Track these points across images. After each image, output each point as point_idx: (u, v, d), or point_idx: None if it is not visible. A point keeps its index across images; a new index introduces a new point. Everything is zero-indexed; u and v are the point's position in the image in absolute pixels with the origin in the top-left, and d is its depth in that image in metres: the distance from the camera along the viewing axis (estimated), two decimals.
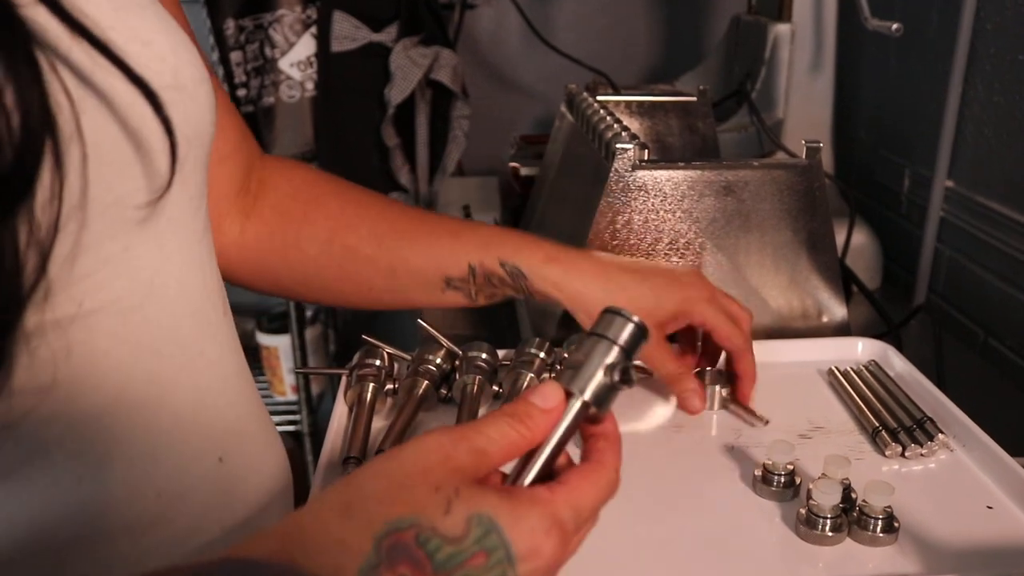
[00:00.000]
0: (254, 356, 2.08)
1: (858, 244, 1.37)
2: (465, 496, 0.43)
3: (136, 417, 0.53)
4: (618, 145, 0.95)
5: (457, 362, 0.88)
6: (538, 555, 0.44)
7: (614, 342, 0.52)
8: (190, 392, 0.57)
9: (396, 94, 1.76)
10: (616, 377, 0.52)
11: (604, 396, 0.52)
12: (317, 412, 2.04)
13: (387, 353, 0.89)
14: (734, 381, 0.87)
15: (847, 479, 0.73)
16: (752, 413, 0.85)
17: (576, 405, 0.51)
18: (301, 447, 2.02)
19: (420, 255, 0.80)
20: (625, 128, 0.99)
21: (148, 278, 0.52)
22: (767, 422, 0.81)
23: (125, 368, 0.51)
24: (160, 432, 0.54)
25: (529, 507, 0.45)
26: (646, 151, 0.95)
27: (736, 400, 0.87)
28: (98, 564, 0.51)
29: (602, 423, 0.53)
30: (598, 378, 0.52)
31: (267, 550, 0.39)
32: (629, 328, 0.53)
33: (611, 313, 0.54)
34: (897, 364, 0.96)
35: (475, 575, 0.42)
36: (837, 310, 1.04)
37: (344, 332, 2.17)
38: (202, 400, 0.58)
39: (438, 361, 0.87)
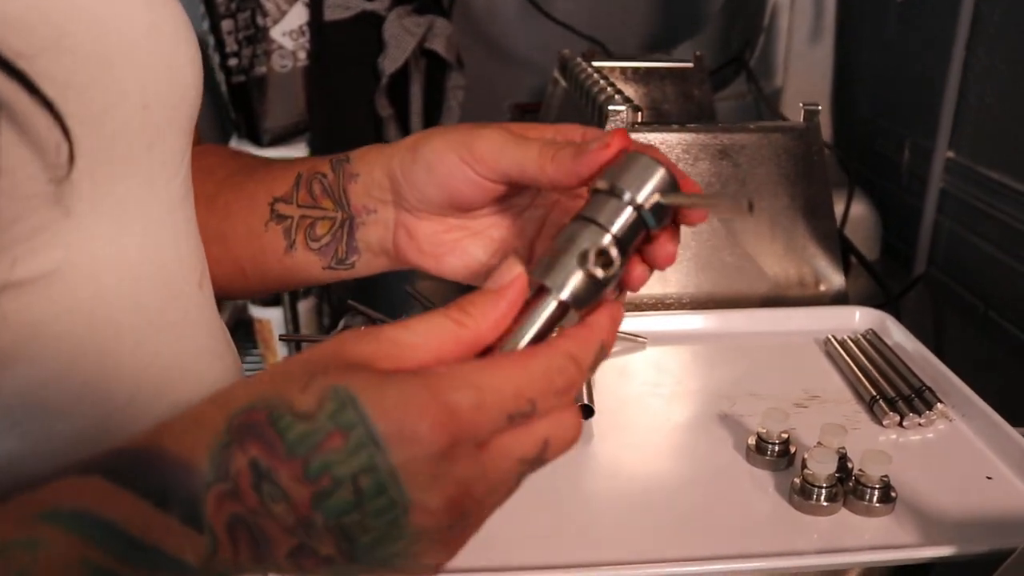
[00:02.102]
0: (247, 329, 2.06)
1: (856, 215, 1.35)
2: (332, 373, 0.37)
3: (85, 392, 0.49)
4: (610, 107, 0.92)
5: None
6: (413, 438, 0.35)
7: (623, 199, 0.43)
8: (149, 368, 0.53)
9: (390, 63, 1.73)
10: (601, 264, 0.42)
11: (585, 291, 0.42)
12: None
13: (373, 319, 0.87)
14: None
15: (843, 448, 0.71)
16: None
17: (549, 304, 0.41)
18: None
19: (257, 181, 0.68)
20: (619, 91, 0.97)
21: (102, 247, 0.49)
22: (750, 208, 0.43)
23: (75, 340, 0.48)
24: (113, 409, 0.50)
25: (403, 380, 0.37)
26: (639, 113, 0.93)
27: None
28: None
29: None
30: (575, 265, 0.42)
31: (145, 435, 0.39)
32: (653, 177, 0.43)
33: (631, 159, 0.44)
34: (895, 333, 0.94)
35: (336, 461, 0.35)
36: (835, 278, 1.02)
37: (338, 305, 2.15)
38: (163, 376, 0.54)
39: None
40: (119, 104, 0.47)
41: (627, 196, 0.43)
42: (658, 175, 0.43)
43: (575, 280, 0.41)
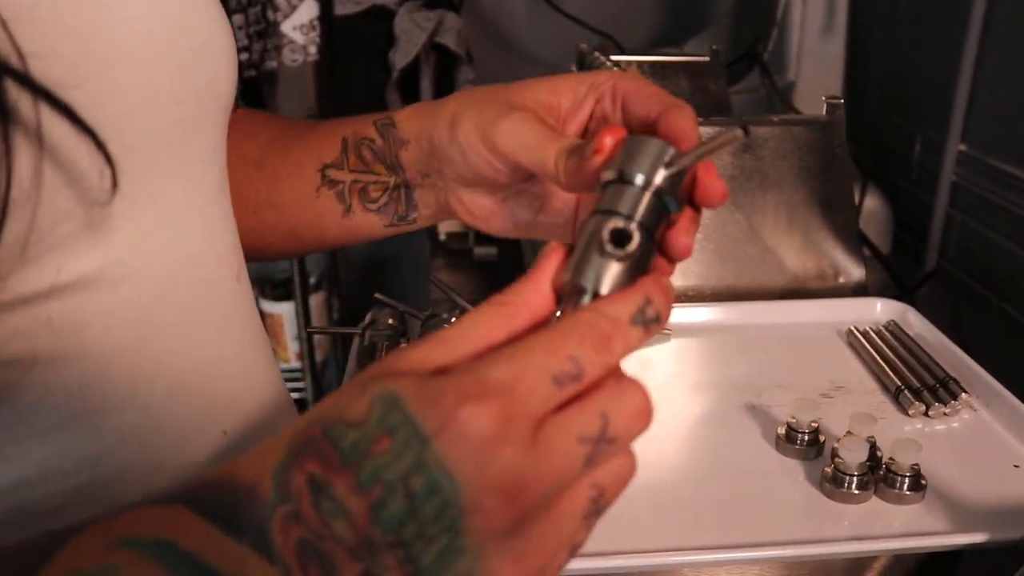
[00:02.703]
0: None
1: (868, 210, 1.35)
2: (383, 380, 0.35)
3: (127, 388, 0.49)
4: None
5: None
6: (455, 424, 0.33)
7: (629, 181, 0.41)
8: (190, 362, 0.53)
9: (400, 58, 1.73)
10: (616, 243, 0.40)
11: (614, 277, 0.40)
12: (322, 379, 2.02)
13: (400, 312, 0.87)
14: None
15: (872, 437, 0.71)
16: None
17: (584, 301, 0.40)
18: None
19: (302, 147, 0.67)
20: None
21: (138, 246, 0.48)
22: (745, 131, 0.43)
23: (114, 338, 0.48)
24: (155, 403, 0.50)
25: (446, 373, 0.35)
26: None
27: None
28: None
29: None
30: (595, 255, 0.40)
31: (225, 465, 0.37)
32: (651, 151, 0.42)
33: (629, 143, 0.43)
34: (916, 325, 0.95)
35: (385, 465, 0.33)
36: (854, 270, 1.02)
37: (348, 298, 2.15)
38: (204, 370, 0.54)
39: (452, 320, 0.86)
40: (152, 102, 0.47)
41: (628, 176, 0.42)
42: (655, 147, 0.42)
43: (599, 269, 0.40)
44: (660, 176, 0.42)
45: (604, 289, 0.39)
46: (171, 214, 0.51)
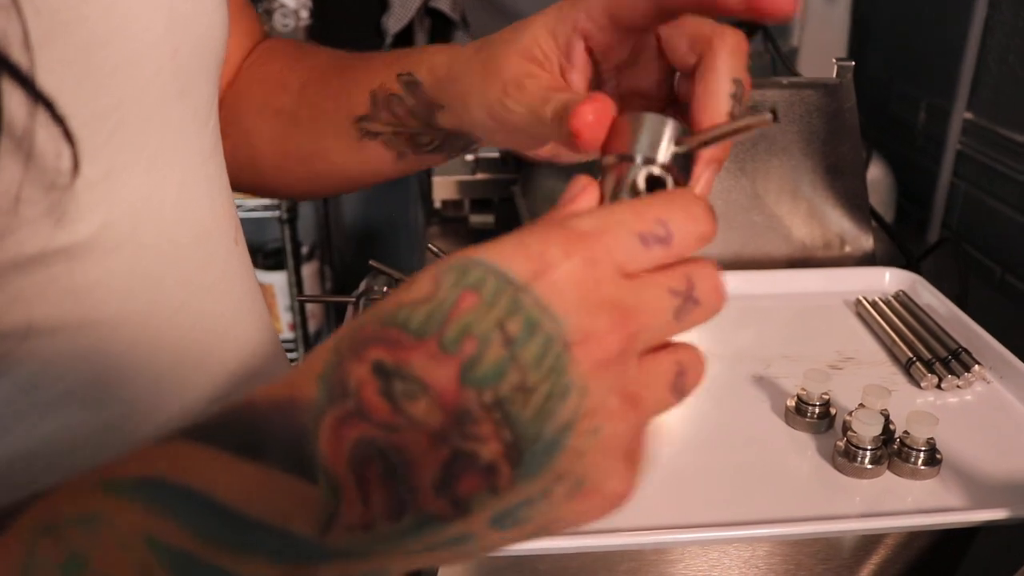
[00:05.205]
0: None
1: (871, 179, 1.32)
2: (439, 262, 0.33)
3: (132, 355, 0.47)
4: None
5: None
6: (548, 264, 0.32)
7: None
8: (194, 327, 0.51)
9: (394, 23, 1.70)
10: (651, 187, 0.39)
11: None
12: None
13: (395, 279, 0.85)
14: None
15: (886, 410, 0.69)
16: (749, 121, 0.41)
17: None
18: None
19: (333, 99, 0.64)
20: None
21: (137, 204, 0.46)
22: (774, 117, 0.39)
23: (116, 303, 0.46)
24: (161, 371, 0.49)
25: (521, 231, 0.34)
26: None
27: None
28: None
29: None
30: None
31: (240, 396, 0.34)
32: (663, 132, 0.40)
33: (635, 124, 0.41)
34: (926, 295, 0.92)
35: (475, 320, 0.31)
36: (863, 239, 1.00)
37: (341, 269, 2.13)
38: (209, 336, 0.52)
39: None
40: (149, 52, 0.45)
41: (639, 159, 0.40)
42: (666, 127, 0.40)
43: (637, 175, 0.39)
44: (667, 153, 0.40)
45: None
46: (169, 171, 0.49)
